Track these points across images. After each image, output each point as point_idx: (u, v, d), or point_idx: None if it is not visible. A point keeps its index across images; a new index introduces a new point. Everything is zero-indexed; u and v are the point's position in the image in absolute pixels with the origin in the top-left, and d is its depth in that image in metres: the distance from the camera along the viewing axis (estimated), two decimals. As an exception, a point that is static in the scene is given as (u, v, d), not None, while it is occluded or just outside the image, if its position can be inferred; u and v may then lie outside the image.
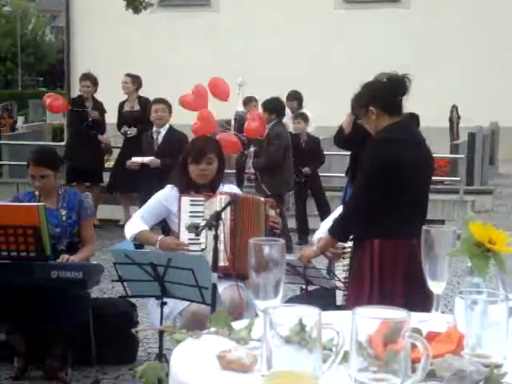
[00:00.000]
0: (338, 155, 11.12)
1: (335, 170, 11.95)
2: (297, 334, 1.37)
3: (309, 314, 1.39)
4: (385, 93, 4.06)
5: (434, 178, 11.92)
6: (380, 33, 18.61)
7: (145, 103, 10.06)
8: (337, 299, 4.74)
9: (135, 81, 10.66)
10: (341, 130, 5.86)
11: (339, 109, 6.44)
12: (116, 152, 11.57)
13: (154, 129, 8.80)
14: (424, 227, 1.91)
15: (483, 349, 1.56)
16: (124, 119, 10.42)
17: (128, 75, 10.76)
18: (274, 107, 9.72)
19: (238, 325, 1.75)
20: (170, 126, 8.80)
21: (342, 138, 5.82)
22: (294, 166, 9.76)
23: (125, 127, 10.31)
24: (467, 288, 1.70)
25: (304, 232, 10.26)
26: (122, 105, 10.63)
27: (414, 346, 1.42)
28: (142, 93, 10.72)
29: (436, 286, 1.90)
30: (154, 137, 8.77)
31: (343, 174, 7.74)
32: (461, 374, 1.44)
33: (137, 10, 13.19)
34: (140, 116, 10.08)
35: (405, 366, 1.38)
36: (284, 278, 1.71)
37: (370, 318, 1.40)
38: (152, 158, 8.55)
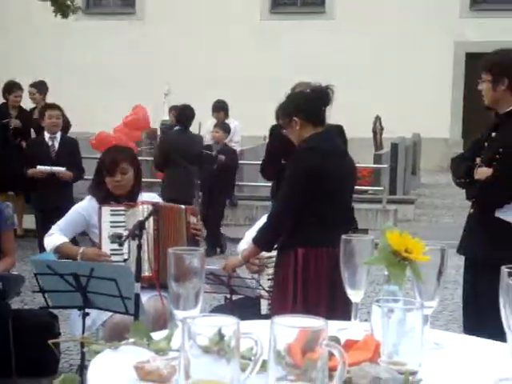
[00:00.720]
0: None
1: (262, 179, 12.01)
2: (216, 343, 1.37)
3: (228, 323, 1.39)
4: (308, 103, 4.12)
5: (357, 187, 12.06)
6: (305, 43, 18.80)
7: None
8: (261, 308, 4.76)
9: (41, 89, 10.54)
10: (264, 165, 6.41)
11: (264, 119, 6.49)
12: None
13: (48, 135, 8.45)
14: (343, 236, 1.94)
15: (399, 356, 1.58)
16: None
17: (32, 86, 10.63)
18: (178, 115, 9.85)
19: (157, 335, 1.73)
20: (62, 133, 8.60)
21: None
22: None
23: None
24: (384, 296, 1.72)
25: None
26: (31, 112, 10.49)
27: (331, 355, 1.44)
28: (68, 99, 10.59)
29: (355, 295, 1.93)
30: (49, 143, 8.50)
31: (270, 184, 7.78)
32: (376, 381, 1.46)
33: (65, 15, 13.02)
34: None
35: (322, 374, 1.39)
36: (203, 288, 1.70)
37: (289, 327, 1.40)
38: (62, 169, 8.23)
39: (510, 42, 12.66)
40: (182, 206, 4.77)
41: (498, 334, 1.63)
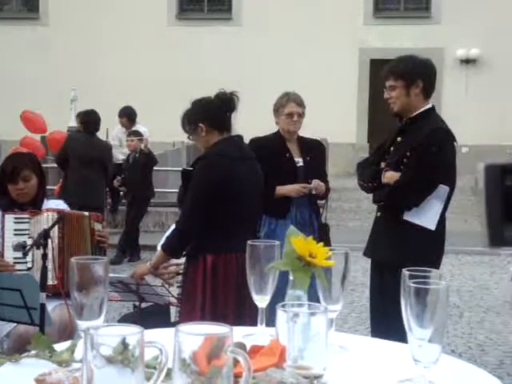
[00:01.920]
0: (175, 171, 11.15)
1: (172, 185, 11.99)
2: (120, 353, 1.35)
3: (132, 332, 1.37)
4: (214, 110, 4.13)
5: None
6: (212, 50, 18.82)
7: None
8: (171, 316, 4.74)
9: None
10: None
11: (172, 125, 6.44)
12: None
13: None
14: (248, 242, 1.94)
15: (304, 360, 1.59)
16: None
17: None
18: (82, 121, 9.83)
19: (60, 346, 1.70)
20: None
21: None
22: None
23: None
24: (289, 301, 1.73)
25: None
26: None
27: (236, 361, 1.44)
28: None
29: (261, 300, 1.93)
30: None
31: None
32: (282, 386, 1.47)
33: None
34: None
35: (228, 381, 1.39)
36: (107, 297, 1.68)
37: (193, 335, 1.39)
38: None
39: (411, 48, 12.99)
40: (86, 213, 4.69)
41: (404, 336, 1.67)
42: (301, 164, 5.48)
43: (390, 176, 4.28)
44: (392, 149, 4.41)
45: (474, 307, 7.75)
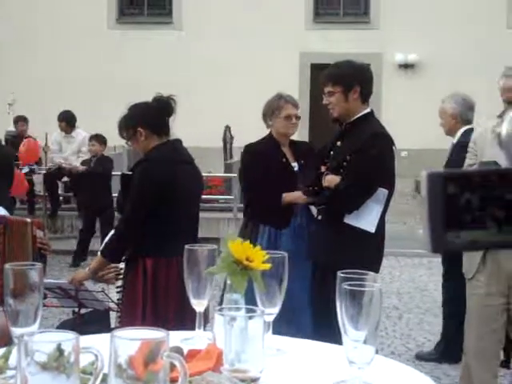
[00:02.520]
0: (115, 175, 11.06)
1: (114, 190, 11.92)
2: (55, 359, 1.34)
3: (67, 338, 1.36)
4: (152, 114, 4.13)
5: (208, 196, 12.07)
6: (152, 54, 18.74)
7: None
8: (111, 321, 4.70)
9: None
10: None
11: (113, 129, 6.40)
12: None
13: None
14: (186, 246, 1.94)
15: (241, 364, 1.60)
16: None
17: None
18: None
19: (-6, 354, 1.68)
20: None
21: None
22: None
23: None
24: (226, 305, 1.74)
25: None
26: None
27: (173, 366, 1.44)
28: None
29: (198, 304, 1.94)
30: None
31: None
32: (218, 389, 1.48)
33: None
34: None
35: (164, 385, 1.39)
36: (42, 303, 1.67)
37: (129, 340, 1.39)
38: None
39: (352, 53, 13.12)
40: (29, 220, 4.63)
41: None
42: (297, 169, 5.16)
43: (330, 179, 4.32)
44: (332, 153, 4.46)
45: (414, 309, 7.86)
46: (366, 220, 4.27)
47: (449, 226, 0.75)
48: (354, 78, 4.39)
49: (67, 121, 11.50)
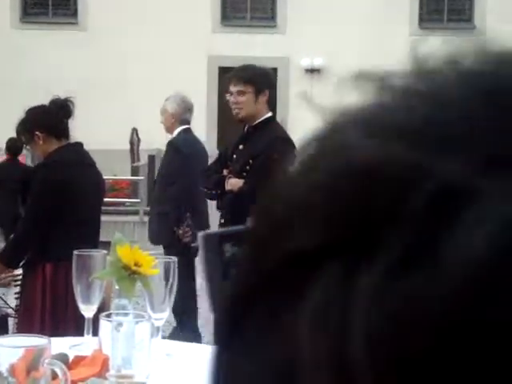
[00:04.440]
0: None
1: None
2: None
3: None
4: (49, 117, 4.07)
5: (115, 199, 11.92)
6: (57, 55, 18.45)
7: None
8: (9, 328, 4.62)
9: None
10: None
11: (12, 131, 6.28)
12: None
13: None
14: (74, 252, 1.93)
15: (128, 369, 1.60)
16: None
17: None
18: None
19: None
20: None
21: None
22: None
23: None
24: (114, 310, 1.74)
25: None
26: None
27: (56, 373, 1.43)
28: None
29: (87, 310, 1.93)
30: None
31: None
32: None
33: None
34: None
35: (46, 392, 1.39)
36: None
37: (11, 347, 1.38)
38: None
39: (259, 57, 13.23)
40: None
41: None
42: None
43: (234, 183, 4.35)
44: (235, 156, 4.49)
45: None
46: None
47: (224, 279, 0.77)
48: (265, 81, 4.46)
49: None
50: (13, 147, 9.17)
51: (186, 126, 6.03)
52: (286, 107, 17.98)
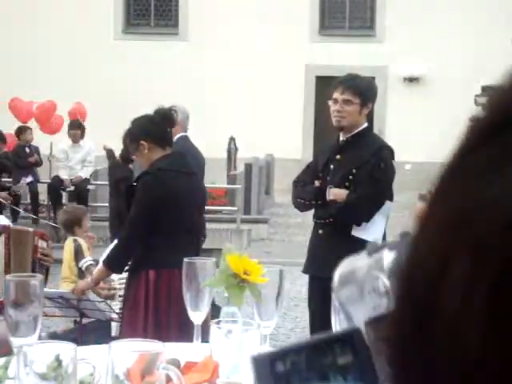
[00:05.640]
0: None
1: (101, 199, 12.01)
2: (53, 370, 1.37)
3: (65, 349, 1.39)
4: (154, 126, 4.16)
5: (212, 207, 12.05)
6: (159, 65, 18.81)
7: None
8: (112, 330, 4.72)
9: None
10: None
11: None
12: None
13: None
14: (185, 259, 1.97)
15: (237, 376, 1.62)
16: None
17: None
18: None
19: (-6, 363, 1.70)
20: None
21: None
22: None
23: None
24: (224, 317, 1.76)
25: None
26: None
27: (170, 377, 1.46)
28: None
29: (196, 316, 1.96)
30: None
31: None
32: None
33: None
34: None
35: (162, 396, 1.42)
36: (41, 314, 1.69)
37: (127, 352, 1.42)
38: None
39: (357, 66, 13.16)
40: (31, 229, 4.66)
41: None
42: None
43: (337, 193, 4.32)
44: (332, 167, 4.45)
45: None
46: (373, 232, 4.29)
47: None
48: (372, 94, 4.45)
49: (82, 130, 11.71)
50: (124, 156, 9.48)
51: (184, 134, 6.17)
52: (384, 117, 17.83)
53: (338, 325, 1.66)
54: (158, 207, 4.05)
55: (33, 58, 18.95)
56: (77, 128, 11.69)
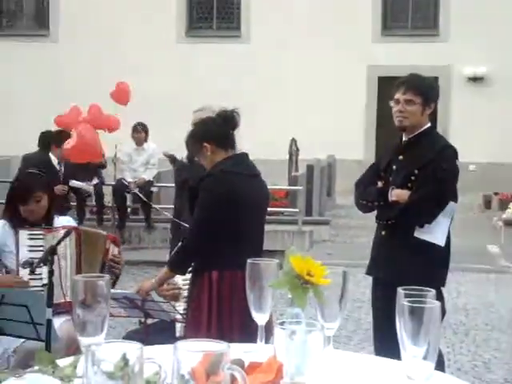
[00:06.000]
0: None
1: (165, 201, 12.14)
2: (120, 369, 1.39)
3: (132, 348, 1.41)
4: (217, 128, 4.18)
5: (274, 209, 12.07)
6: (221, 67, 18.92)
7: None
8: (176, 330, 4.76)
9: None
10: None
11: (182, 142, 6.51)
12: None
13: None
14: (248, 260, 1.98)
15: (301, 377, 1.62)
16: None
17: None
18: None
19: (63, 362, 1.74)
20: None
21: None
22: None
23: None
24: (287, 318, 1.77)
25: None
26: None
27: (234, 378, 1.47)
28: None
29: (260, 318, 1.97)
30: None
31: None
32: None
33: None
34: None
35: (225, 396, 1.43)
36: (108, 313, 1.72)
37: (192, 352, 1.43)
38: None
39: (420, 65, 13.03)
40: (104, 233, 4.74)
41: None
42: None
43: (399, 194, 4.29)
44: (395, 167, 4.42)
45: (480, 325, 7.74)
46: (436, 233, 4.25)
47: None
48: (434, 94, 4.43)
49: (146, 133, 11.86)
50: (190, 157, 9.63)
51: None
52: (448, 117, 17.61)
53: (402, 326, 1.66)
54: (222, 209, 4.07)
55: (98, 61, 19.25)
56: (141, 131, 11.84)
